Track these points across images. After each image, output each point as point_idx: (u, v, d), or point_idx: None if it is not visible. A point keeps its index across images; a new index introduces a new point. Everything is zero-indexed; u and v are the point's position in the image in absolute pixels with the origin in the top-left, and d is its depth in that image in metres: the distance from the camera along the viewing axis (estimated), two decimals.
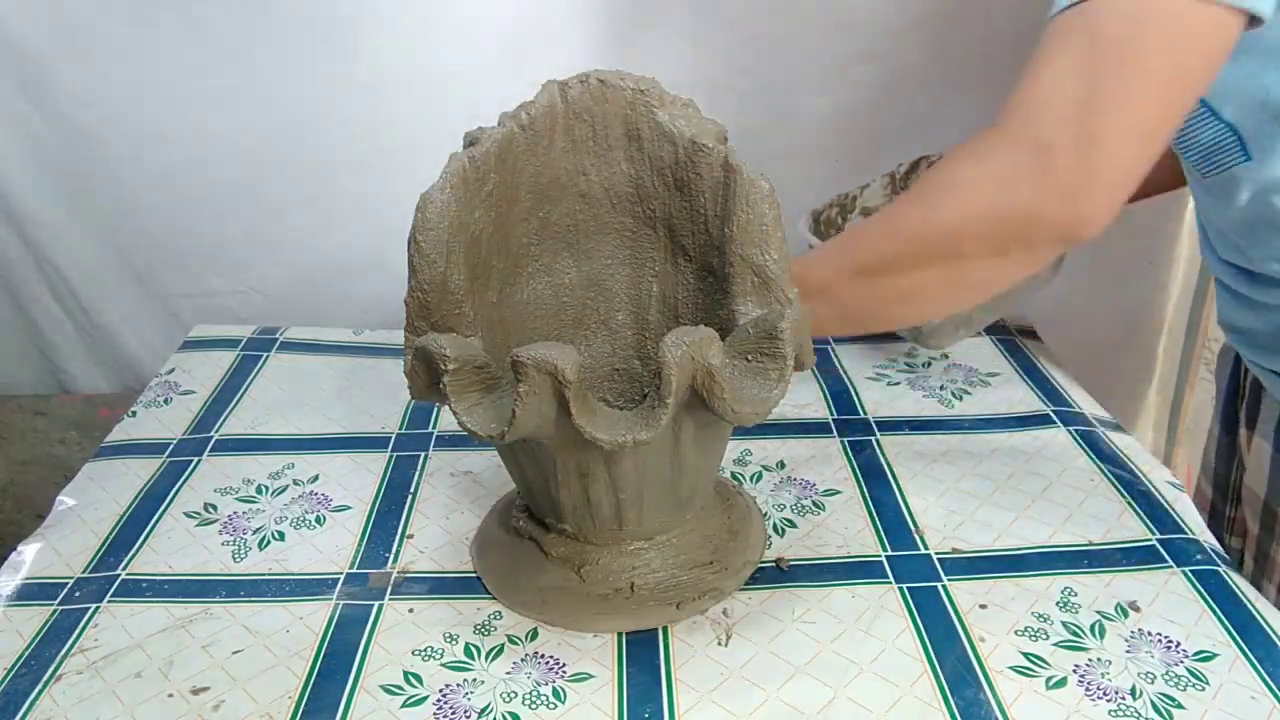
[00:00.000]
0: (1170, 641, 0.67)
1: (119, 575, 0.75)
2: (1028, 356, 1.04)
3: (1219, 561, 0.73)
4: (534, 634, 0.69)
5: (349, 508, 0.83)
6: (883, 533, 0.78)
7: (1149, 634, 0.67)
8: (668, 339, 0.57)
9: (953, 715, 0.61)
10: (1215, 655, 0.65)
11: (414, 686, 0.65)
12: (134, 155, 1.20)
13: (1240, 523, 0.92)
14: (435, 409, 0.96)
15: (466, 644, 0.68)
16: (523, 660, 0.67)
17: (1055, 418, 0.92)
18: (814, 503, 0.82)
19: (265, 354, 1.07)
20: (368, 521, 0.81)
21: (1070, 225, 0.59)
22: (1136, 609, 0.69)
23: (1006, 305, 1.00)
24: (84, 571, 0.75)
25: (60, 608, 0.71)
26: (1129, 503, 0.80)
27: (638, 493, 0.66)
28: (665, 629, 0.69)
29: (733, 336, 0.63)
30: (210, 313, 1.27)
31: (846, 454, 0.88)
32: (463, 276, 0.66)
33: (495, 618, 0.71)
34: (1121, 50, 0.57)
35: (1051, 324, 1.12)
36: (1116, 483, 0.82)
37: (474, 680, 0.65)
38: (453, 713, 0.63)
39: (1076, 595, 0.71)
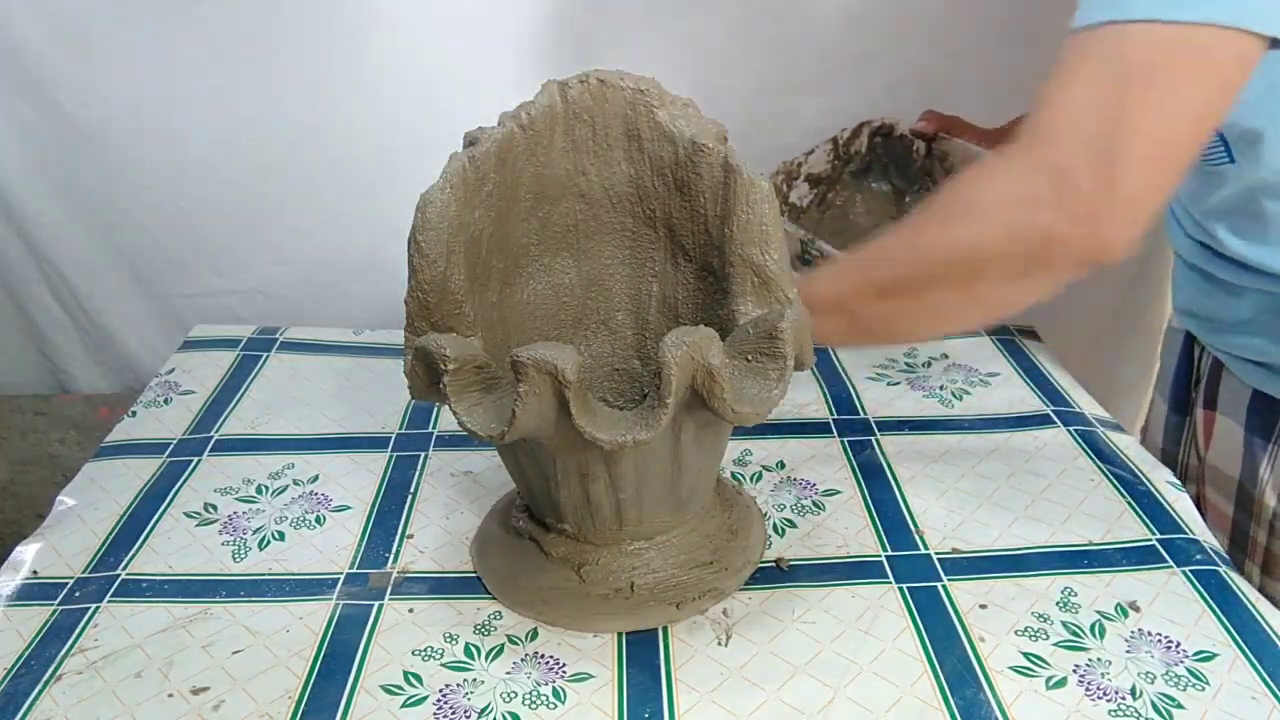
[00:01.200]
0: (1170, 641, 0.67)
1: (119, 575, 0.75)
2: (1028, 356, 1.04)
3: (1219, 561, 0.73)
4: (534, 634, 0.69)
5: (349, 508, 0.83)
6: (883, 533, 0.78)
7: (1149, 634, 0.67)
8: (668, 339, 0.57)
9: (953, 715, 0.61)
10: (1215, 655, 0.65)
11: (414, 686, 0.65)
12: (134, 155, 1.20)
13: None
14: (435, 409, 0.96)
15: (466, 644, 0.68)
16: (523, 660, 0.67)
17: (1055, 418, 0.92)
18: (814, 503, 0.82)
19: (265, 354, 1.07)
20: (368, 521, 0.81)
21: (1091, 249, 0.59)
22: (1136, 609, 0.69)
23: None
24: (84, 571, 0.75)
25: (60, 608, 0.71)
26: (1129, 503, 0.80)
27: (638, 493, 0.66)
28: (665, 629, 0.69)
29: (733, 336, 0.63)
30: (210, 313, 1.27)
31: (846, 454, 0.88)
32: (463, 276, 0.66)
33: (495, 618, 0.71)
34: (1151, 76, 0.57)
35: (1051, 324, 1.12)
36: (1116, 483, 0.82)
37: (474, 680, 0.65)
38: (453, 713, 0.63)
39: (1076, 595, 0.71)
